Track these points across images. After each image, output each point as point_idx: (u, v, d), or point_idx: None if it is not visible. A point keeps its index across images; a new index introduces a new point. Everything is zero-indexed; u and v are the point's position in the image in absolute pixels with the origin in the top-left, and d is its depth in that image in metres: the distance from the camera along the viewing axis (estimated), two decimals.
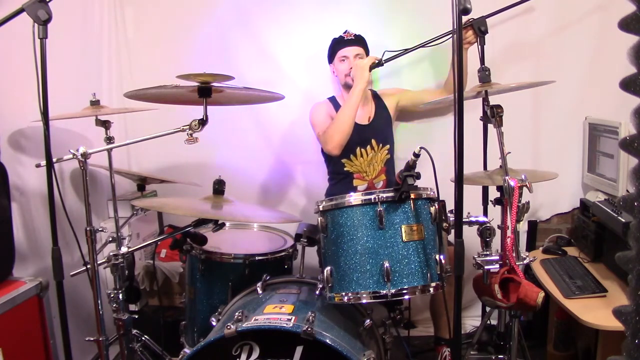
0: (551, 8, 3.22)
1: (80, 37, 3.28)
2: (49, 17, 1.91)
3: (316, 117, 3.16)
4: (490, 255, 2.13)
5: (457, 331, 1.98)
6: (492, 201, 2.41)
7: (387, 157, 3.18)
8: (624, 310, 0.89)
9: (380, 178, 3.16)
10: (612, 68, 2.99)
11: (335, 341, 1.89)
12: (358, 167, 3.14)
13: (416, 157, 2.00)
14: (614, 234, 2.59)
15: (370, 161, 3.12)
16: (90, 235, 2.10)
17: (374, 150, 3.14)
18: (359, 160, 3.12)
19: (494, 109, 2.22)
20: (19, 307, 2.41)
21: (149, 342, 2.91)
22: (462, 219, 1.94)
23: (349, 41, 3.10)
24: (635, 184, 0.87)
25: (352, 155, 3.12)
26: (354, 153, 3.12)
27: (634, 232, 0.88)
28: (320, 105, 3.22)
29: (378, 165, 3.14)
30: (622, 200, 0.91)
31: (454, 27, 1.85)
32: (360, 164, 3.12)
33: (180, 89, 2.17)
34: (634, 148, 0.87)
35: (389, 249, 1.98)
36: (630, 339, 0.88)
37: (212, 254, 2.59)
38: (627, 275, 0.89)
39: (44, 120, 1.96)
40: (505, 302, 2.07)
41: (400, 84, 3.40)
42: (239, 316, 1.98)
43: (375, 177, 3.15)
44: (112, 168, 2.75)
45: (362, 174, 3.13)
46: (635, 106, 0.87)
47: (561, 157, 3.38)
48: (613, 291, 2.48)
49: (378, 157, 3.13)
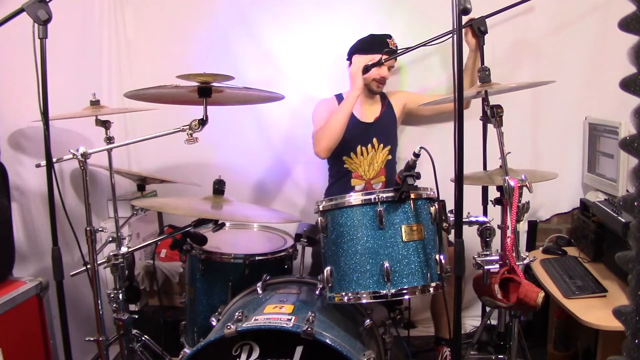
0: (551, 8, 3.22)
1: (80, 37, 3.27)
2: (49, 17, 1.92)
3: (316, 114, 3.15)
4: (490, 255, 2.13)
5: (457, 331, 1.98)
6: (492, 201, 2.41)
7: (388, 158, 3.18)
8: (624, 310, 0.90)
9: (379, 179, 3.15)
10: (612, 68, 3.00)
11: (335, 341, 1.89)
12: (358, 166, 3.14)
13: (416, 157, 2.00)
14: (614, 234, 2.59)
15: (370, 160, 3.12)
16: (90, 235, 2.10)
17: (374, 149, 3.13)
18: (359, 159, 3.12)
19: (494, 109, 2.22)
20: (19, 307, 2.41)
21: (149, 342, 2.91)
22: (462, 219, 1.95)
23: (391, 51, 3.02)
24: (635, 184, 0.87)
25: (352, 153, 3.12)
26: (355, 151, 3.12)
27: (634, 232, 0.88)
28: (324, 102, 3.20)
29: (378, 166, 3.14)
30: (622, 200, 0.91)
31: (454, 27, 1.85)
32: (360, 162, 3.12)
33: (180, 89, 2.17)
34: (634, 148, 0.87)
35: (389, 249, 1.98)
36: (630, 339, 0.88)
37: (212, 254, 2.59)
38: (627, 275, 0.89)
39: (44, 120, 1.96)
40: (505, 302, 2.06)
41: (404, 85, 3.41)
42: (239, 316, 1.98)
43: (374, 177, 3.14)
44: (112, 168, 2.75)
45: (360, 173, 3.13)
46: (635, 106, 0.87)
47: (561, 157, 3.38)
48: (613, 291, 2.48)
49: (379, 157, 3.13)
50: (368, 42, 3.07)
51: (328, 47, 3.37)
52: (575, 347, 2.91)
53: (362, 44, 3.08)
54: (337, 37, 3.30)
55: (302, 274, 2.47)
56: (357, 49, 3.08)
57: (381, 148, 3.15)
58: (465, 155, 1.88)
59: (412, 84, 3.42)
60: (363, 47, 3.07)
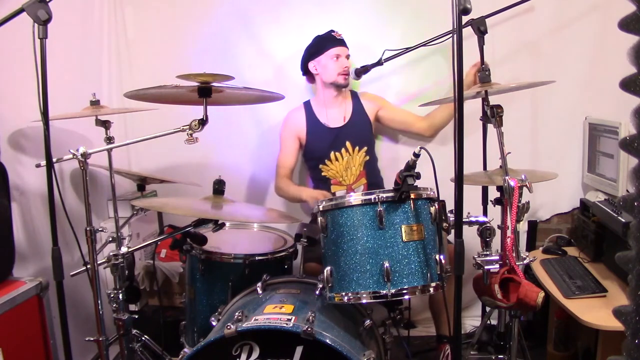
0: (551, 8, 3.22)
1: (80, 37, 3.28)
2: (49, 17, 1.91)
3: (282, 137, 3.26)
4: (490, 255, 2.13)
5: (457, 331, 1.98)
6: (492, 201, 2.41)
7: (365, 160, 3.18)
8: (624, 310, 0.90)
9: (360, 182, 3.16)
10: (612, 68, 2.99)
11: (335, 341, 1.89)
12: (334, 172, 3.15)
13: (416, 157, 2.00)
14: (614, 234, 2.59)
15: (346, 165, 3.12)
16: (90, 235, 2.09)
17: (349, 153, 3.13)
18: (334, 164, 3.13)
19: (494, 109, 2.22)
20: (19, 307, 2.41)
21: (149, 342, 2.91)
22: (463, 219, 1.94)
23: (341, 41, 3.09)
24: (635, 184, 0.87)
25: (327, 160, 3.13)
26: (329, 158, 3.13)
27: (634, 232, 0.88)
28: (290, 117, 3.26)
29: (356, 170, 3.14)
30: (622, 200, 0.91)
31: (453, 27, 1.85)
32: (337, 168, 3.13)
33: (181, 89, 2.17)
34: (634, 148, 0.87)
35: (389, 249, 1.98)
36: (630, 339, 0.88)
37: (212, 254, 2.59)
38: (627, 276, 0.89)
39: (44, 120, 1.96)
40: (505, 302, 2.06)
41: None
42: (239, 316, 1.98)
43: (354, 182, 3.15)
44: (112, 168, 2.75)
45: (339, 179, 3.13)
46: (635, 106, 0.87)
47: (561, 157, 3.38)
48: (613, 291, 2.48)
49: (355, 161, 3.13)
50: (315, 44, 3.12)
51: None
52: (576, 347, 2.91)
53: (311, 48, 3.14)
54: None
55: (302, 274, 2.47)
56: (310, 55, 3.14)
57: (356, 151, 3.14)
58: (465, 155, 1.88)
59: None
60: (313, 51, 3.12)
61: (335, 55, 3.07)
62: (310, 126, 3.21)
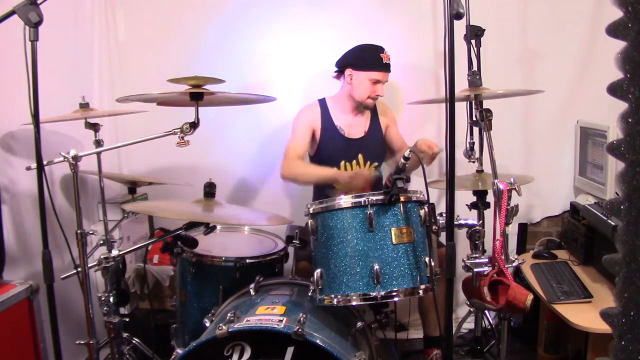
0: (542, 13, 3.24)
1: (71, 39, 3.26)
2: (40, 20, 1.90)
3: (296, 125, 3.06)
4: (479, 257, 2.14)
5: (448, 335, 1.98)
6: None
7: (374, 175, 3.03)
8: (611, 313, 0.90)
9: None
10: (604, 71, 3.00)
11: (326, 342, 1.90)
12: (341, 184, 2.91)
13: (406, 160, 2.01)
14: (604, 237, 2.61)
15: None
16: (80, 239, 2.09)
17: (359, 166, 3.04)
18: None
19: (483, 113, 2.22)
20: (9, 311, 2.39)
21: (139, 345, 2.91)
22: (454, 221, 1.95)
23: (387, 65, 2.89)
24: (622, 188, 0.88)
25: (336, 168, 2.97)
26: (338, 166, 3.00)
27: (621, 236, 0.89)
28: (306, 111, 3.10)
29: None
30: (609, 203, 0.92)
31: (445, 32, 1.85)
32: None
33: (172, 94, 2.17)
34: (620, 152, 0.88)
35: (378, 251, 1.99)
36: (617, 341, 0.89)
37: (203, 257, 2.58)
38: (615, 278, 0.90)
39: (35, 123, 1.95)
40: (494, 304, 2.07)
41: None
42: (231, 317, 1.99)
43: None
44: (101, 172, 2.73)
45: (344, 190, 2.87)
46: (622, 111, 0.88)
47: (553, 160, 3.40)
48: (601, 295, 2.51)
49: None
50: (362, 57, 2.91)
51: (320, 49, 3.39)
52: (566, 350, 2.93)
53: (356, 58, 2.92)
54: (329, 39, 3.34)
55: (295, 275, 2.48)
56: (351, 63, 2.93)
57: (368, 165, 3.06)
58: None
59: None
60: (357, 62, 2.92)
61: (375, 80, 2.90)
62: (324, 126, 3.06)
